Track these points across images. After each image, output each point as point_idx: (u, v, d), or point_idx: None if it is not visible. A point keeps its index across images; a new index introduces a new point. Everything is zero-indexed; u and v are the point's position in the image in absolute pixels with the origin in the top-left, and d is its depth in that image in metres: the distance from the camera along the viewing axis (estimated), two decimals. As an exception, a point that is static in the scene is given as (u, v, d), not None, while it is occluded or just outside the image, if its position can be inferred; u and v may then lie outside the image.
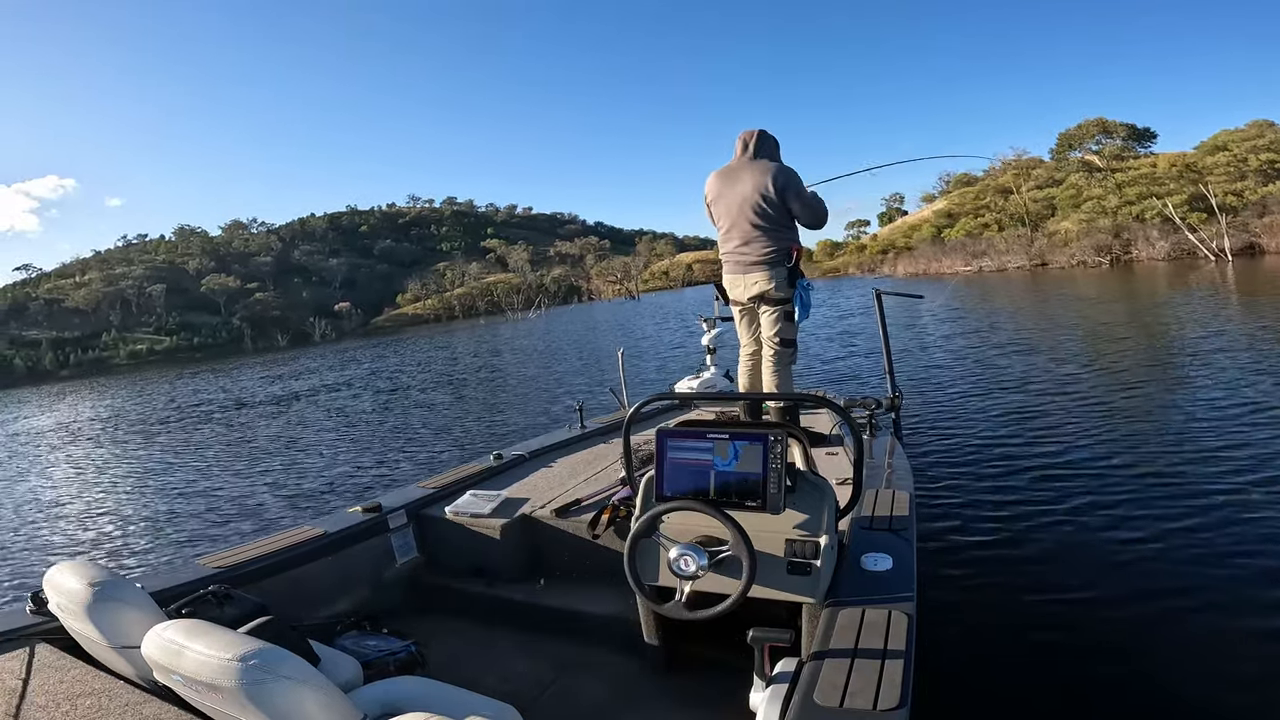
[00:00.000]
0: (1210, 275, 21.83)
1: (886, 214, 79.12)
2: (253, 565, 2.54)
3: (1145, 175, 41.80)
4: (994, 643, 2.87)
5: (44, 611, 2.02)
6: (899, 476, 2.66)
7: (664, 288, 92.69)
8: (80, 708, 1.60)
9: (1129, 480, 4.47)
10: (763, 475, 1.94)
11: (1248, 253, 29.77)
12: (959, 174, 60.17)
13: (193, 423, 15.06)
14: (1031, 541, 3.78)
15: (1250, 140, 39.80)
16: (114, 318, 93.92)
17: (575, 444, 4.02)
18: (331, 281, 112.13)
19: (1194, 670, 2.56)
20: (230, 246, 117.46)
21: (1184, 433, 5.37)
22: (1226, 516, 3.74)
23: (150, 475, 9.41)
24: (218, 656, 1.30)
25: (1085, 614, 3.01)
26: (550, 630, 2.60)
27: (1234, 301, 14.25)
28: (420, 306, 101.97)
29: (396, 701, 1.63)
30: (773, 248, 3.33)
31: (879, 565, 1.91)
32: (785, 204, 3.30)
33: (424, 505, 3.15)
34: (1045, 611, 3.06)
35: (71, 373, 73.66)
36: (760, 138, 3.44)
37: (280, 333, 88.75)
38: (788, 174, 3.30)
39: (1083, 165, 47.17)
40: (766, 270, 3.35)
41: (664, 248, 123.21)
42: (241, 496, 7.30)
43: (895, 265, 49.44)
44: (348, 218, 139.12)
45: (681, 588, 1.89)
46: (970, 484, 4.78)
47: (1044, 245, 40.73)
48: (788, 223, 3.36)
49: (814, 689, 1.42)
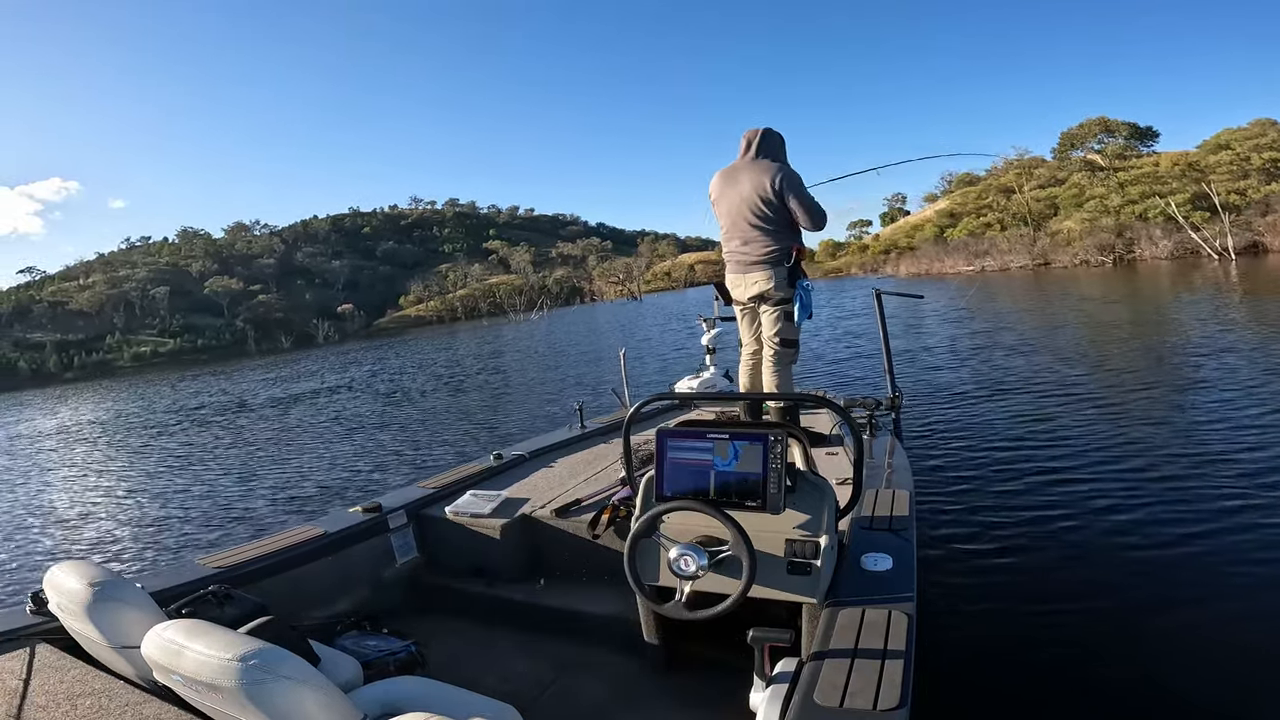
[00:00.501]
0: (1214, 274, 21.74)
1: (889, 214, 78.97)
2: (253, 565, 2.54)
3: (1148, 174, 41.66)
4: (994, 643, 2.86)
5: (44, 611, 2.02)
6: (899, 476, 2.66)
7: (666, 288, 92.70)
8: (80, 708, 1.60)
9: (1131, 481, 4.46)
10: (763, 475, 1.93)
11: (1251, 251, 29.68)
12: (961, 174, 60.14)
13: (194, 424, 15.09)
14: (1032, 541, 3.77)
15: (1253, 139, 39.63)
16: (118, 320, 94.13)
17: (575, 444, 4.02)
18: (334, 283, 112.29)
19: (1194, 671, 2.55)
20: (233, 248, 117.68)
21: (1188, 433, 5.35)
22: (1230, 519, 3.72)
23: (151, 476, 9.43)
24: (218, 656, 1.30)
25: (1085, 614, 3.00)
26: (550, 630, 2.60)
27: (1239, 301, 14.19)
28: (423, 308, 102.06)
29: (396, 701, 1.63)
30: (773, 247, 3.33)
31: (879, 565, 1.91)
32: (785, 204, 3.29)
33: (424, 505, 3.16)
34: (1045, 611, 3.05)
35: (75, 375, 73.74)
36: (764, 137, 3.43)
37: (284, 335, 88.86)
38: (788, 174, 3.29)
39: (1085, 164, 47.07)
40: (767, 270, 3.35)
41: (666, 248, 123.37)
42: (242, 497, 7.31)
43: (898, 265, 49.35)
44: (350, 219, 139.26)
45: (681, 588, 1.89)
46: (970, 484, 4.77)
47: (1046, 245, 40.61)
48: (789, 223, 3.35)
49: (814, 689, 1.42)
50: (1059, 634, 2.85)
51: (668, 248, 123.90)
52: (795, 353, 3.45)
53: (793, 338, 3.41)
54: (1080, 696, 2.47)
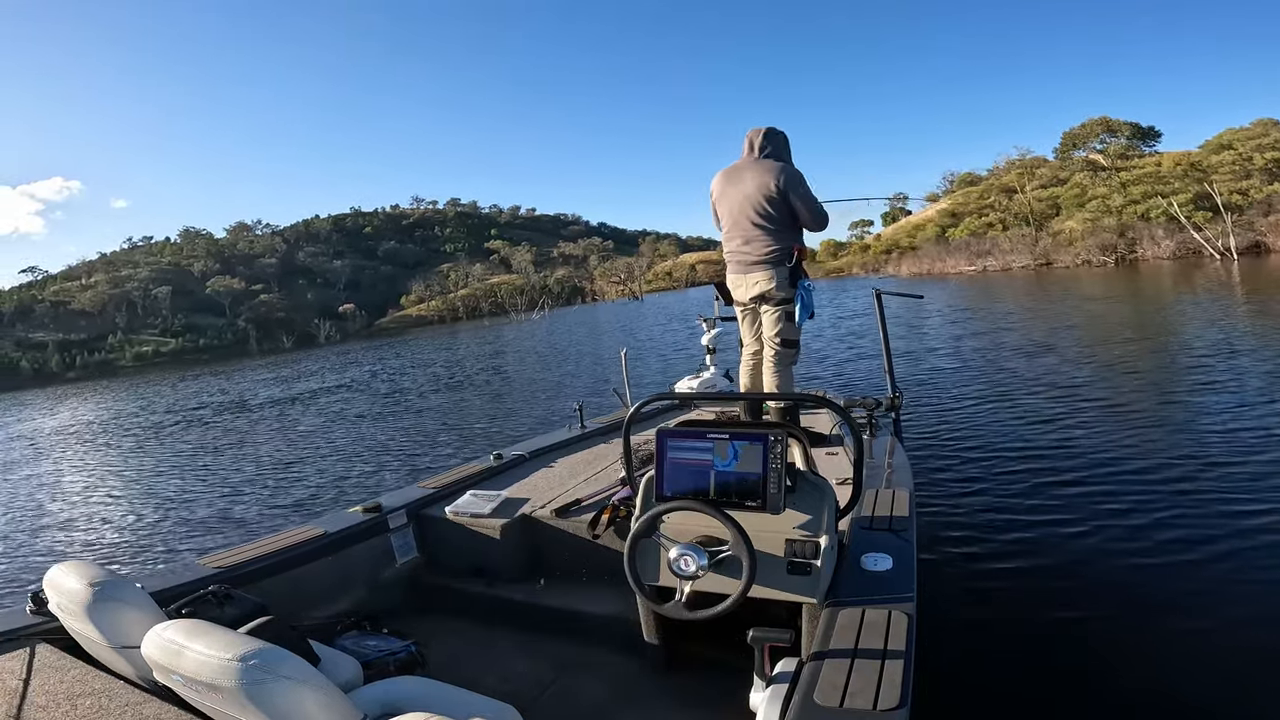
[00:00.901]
0: (1217, 274, 21.65)
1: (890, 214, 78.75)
2: (253, 565, 2.55)
3: (1150, 174, 41.55)
4: (994, 643, 2.86)
5: (44, 611, 2.03)
6: (899, 476, 2.66)
7: (668, 288, 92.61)
8: (80, 708, 1.60)
9: (1132, 481, 4.45)
10: (763, 475, 1.93)
11: (1253, 251, 29.61)
12: (963, 173, 60.20)
13: (194, 424, 15.10)
14: (1032, 541, 3.76)
15: (1255, 139, 39.53)
16: (120, 320, 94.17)
17: (575, 444, 4.02)
18: (336, 283, 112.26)
19: (1196, 672, 2.55)
20: (235, 248, 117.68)
21: (1190, 435, 5.33)
22: (1233, 521, 3.70)
23: (151, 476, 9.44)
24: (218, 656, 1.30)
25: (1086, 614, 3.00)
26: (550, 630, 2.60)
27: (1242, 300, 14.14)
28: (424, 308, 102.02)
29: (396, 701, 1.63)
30: (774, 247, 3.32)
31: (879, 565, 1.91)
32: (788, 204, 3.27)
33: (424, 505, 3.16)
34: (1046, 612, 3.05)
35: (77, 375, 73.80)
36: (767, 136, 3.41)
37: (285, 334, 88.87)
38: (791, 173, 3.28)
39: (1087, 164, 46.98)
40: (768, 270, 3.33)
41: (667, 248, 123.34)
42: (242, 497, 7.32)
43: (899, 265, 49.29)
44: (351, 219, 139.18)
45: (681, 588, 1.89)
46: (971, 484, 4.77)
47: (1048, 245, 40.53)
48: (790, 223, 3.34)
49: (814, 689, 1.42)
50: (1059, 634, 2.85)
51: (669, 247, 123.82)
52: (796, 353, 3.44)
53: (794, 338, 3.40)
54: (1081, 697, 2.47)
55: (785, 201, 3.27)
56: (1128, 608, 3.03)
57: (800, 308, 3.36)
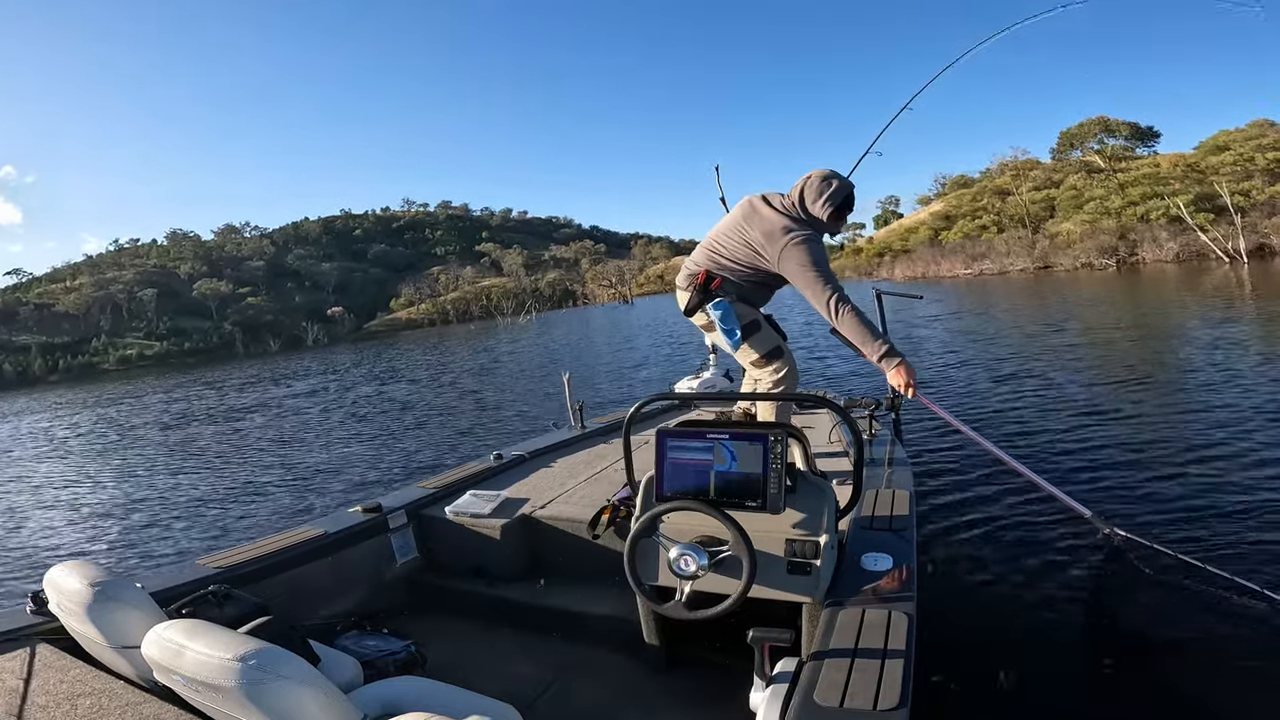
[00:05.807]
0: (1227, 278, 20.61)
1: (882, 216, 79.29)
2: (253, 565, 2.53)
3: (1148, 175, 41.28)
4: (994, 643, 2.87)
5: (44, 611, 2.01)
6: (899, 476, 2.67)
7: (659, 291, 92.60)
8: (80, 708, 1.59)
9: (1133, 482, 4.47)
10: (763, 475, 1.94)
11: (1258, 254, 28.92)
12: (955, 175, 60.51)
13: (191, 425, 14.97)
14: (1032, 541, 3.77)
15: (1253, 139, 39.37)
16: (104, 323, 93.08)
17: (575, 444, 4.02)
18: (325, 286, 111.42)
19: (1197, 673, 2.56)
20: (222, 250, 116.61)
21: (1192, 436, 5.33)
22: (1237, 522, 3.71)
23: (151, 476, 9.36)
24: (218, 656, 1.30)
25: (1086, 614, 3.02)
26: (550, 630, 2.60)
27: (1255, 307, 13.26)
28: (414, 311, 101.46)
29: (396, 701, 1.63)
30: (692, 269, 3.04)
31: (879, 565, 1.92)
32: (771, 270, 2.85)
33: (424, 505, 3.15)
34: (1046, 612, 3.07)
35: (60, 378, 72.89)
36: (807, 186, 2.89)
37: (272, 337, 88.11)
38: (799, 250, 2.77)
39: (1083, 165, 46.98)
40: (684, 293, 3.07)
41: (659, 251, 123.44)
42: (241, 497, 7.27)
43: (893, 268, 49.46)
44: (341, 221, 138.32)
45: (681, 588, 1.90)
46: (970, 484, 4.77)
47: (1046, 247, 40.14)
48: (739, 259, 2.93)
49: (814, 689, 1.43)
50: (1060, 634, 2.87)
51: (661, 250, 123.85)
52: (780, 365, 3.01)
53: (758, 354, 2.99)
54: (1081, 697, 2.48)
55: (770, 265, 2.84)
56: (1129, 607, 3.04)
57: (723, 331, 2.96)
